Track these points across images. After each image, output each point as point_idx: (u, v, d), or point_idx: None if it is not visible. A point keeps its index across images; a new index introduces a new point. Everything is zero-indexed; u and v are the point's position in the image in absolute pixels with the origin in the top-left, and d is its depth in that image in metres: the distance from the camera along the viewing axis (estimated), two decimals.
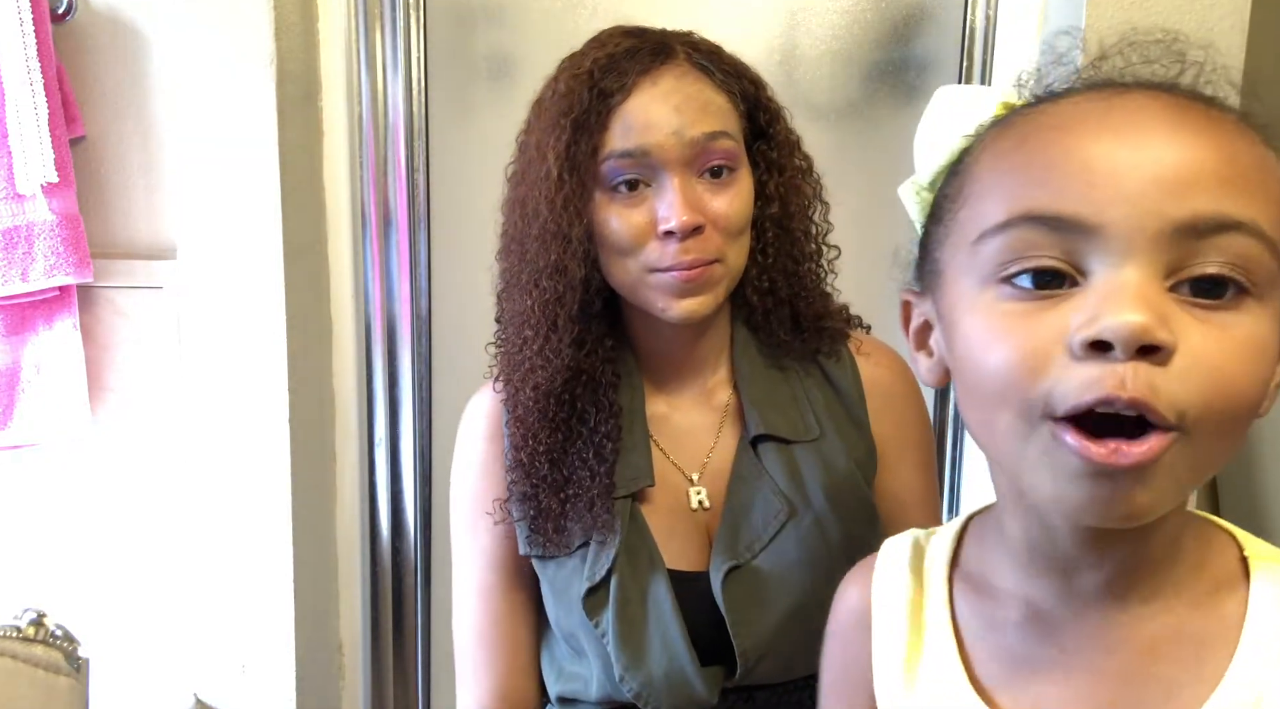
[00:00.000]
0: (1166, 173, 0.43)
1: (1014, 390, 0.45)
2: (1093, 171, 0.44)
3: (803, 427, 0.91)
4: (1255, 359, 0.44)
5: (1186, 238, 0.43)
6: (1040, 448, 0.45)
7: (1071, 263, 0.44)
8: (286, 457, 1.38)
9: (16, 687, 0.91)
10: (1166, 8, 1.25)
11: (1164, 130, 0.44)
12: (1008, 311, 0.46)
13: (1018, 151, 0.48)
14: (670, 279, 0.83)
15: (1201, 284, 0.43)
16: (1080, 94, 0.49)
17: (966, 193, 0.50)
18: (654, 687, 0.86)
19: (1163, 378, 0.42)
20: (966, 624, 0.55)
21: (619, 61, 0.83)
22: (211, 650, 1.44)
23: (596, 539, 0.89)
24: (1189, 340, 0.43)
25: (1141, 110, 0.45)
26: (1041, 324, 0.44)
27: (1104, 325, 0.42)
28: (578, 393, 0.89)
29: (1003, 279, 0.46)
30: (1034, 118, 0.49)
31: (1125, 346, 0.42)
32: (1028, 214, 0.45)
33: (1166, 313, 0.42)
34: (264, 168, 1.33)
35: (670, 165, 0.82)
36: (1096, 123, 0.45)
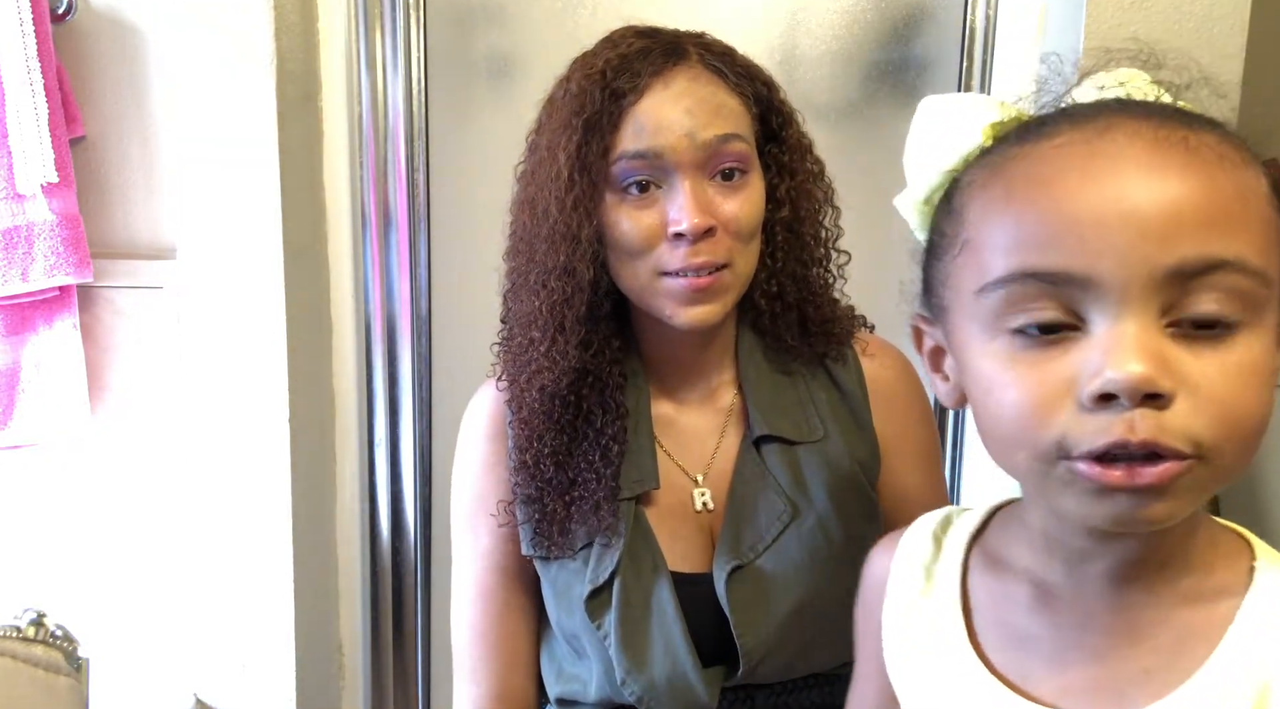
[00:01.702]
0: (1151, 222, 0.45)
1: (1028, 436, 0.48)
2: (1082, 226, 0.46)
3: (806, 428, 0.91)
4: (1257, 384, 0.46)
5: (1177, 281, 0.45)
6: (1060, 480, 0.48)
7: (1072, 311, 0.47)
8: (286, 457, 1.38)
9: (16, 687, 0.91)
10: (1166, 8, 1.25)
11: (1146, 177, 0.46)
12: (1016, 359, 0.48)
13: (1007, 205, 0.49)
14: (679, 286, 0.83)
15: (1198, 314, 0.45)
16: (1064, 129, 0.50)
17: (963, 238, 0.52)
18: (656, 690, 0.86)
19: (1170, 418, 0.45)
20: (975, 593, 0.59)
21: (631, 62, 0.83)
22: (211, 650, 1.44)
23: (600, 541, 0.88)
24: (1192, 377, 0.45)
25: (1122, 156, 0.47)
26: (1049, 372, 0.47)
27: (1108, 379, 0.45)
28: (584, 394, 0.89)
29: (1006, 327, 0.49)
30: (1020, 165, 0.50)
31: (1130, 398, 0.45)
32: (1024, 271, 0.47)
33: (1167, 356, 0.45)
34: (264, 168, 1.33)
35: (682, 167, 0.82)
36: (1080, 174, 0.47)
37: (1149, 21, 1.25)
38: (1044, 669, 0.54)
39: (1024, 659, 0.55)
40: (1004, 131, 0.54)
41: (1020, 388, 0.48)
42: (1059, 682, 0.53)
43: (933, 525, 0.64)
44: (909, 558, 0.63)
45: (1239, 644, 0.49)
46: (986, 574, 0.59)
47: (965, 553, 0.61)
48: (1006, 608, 0.57)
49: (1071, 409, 0.46)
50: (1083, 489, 0.47)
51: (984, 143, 0.54)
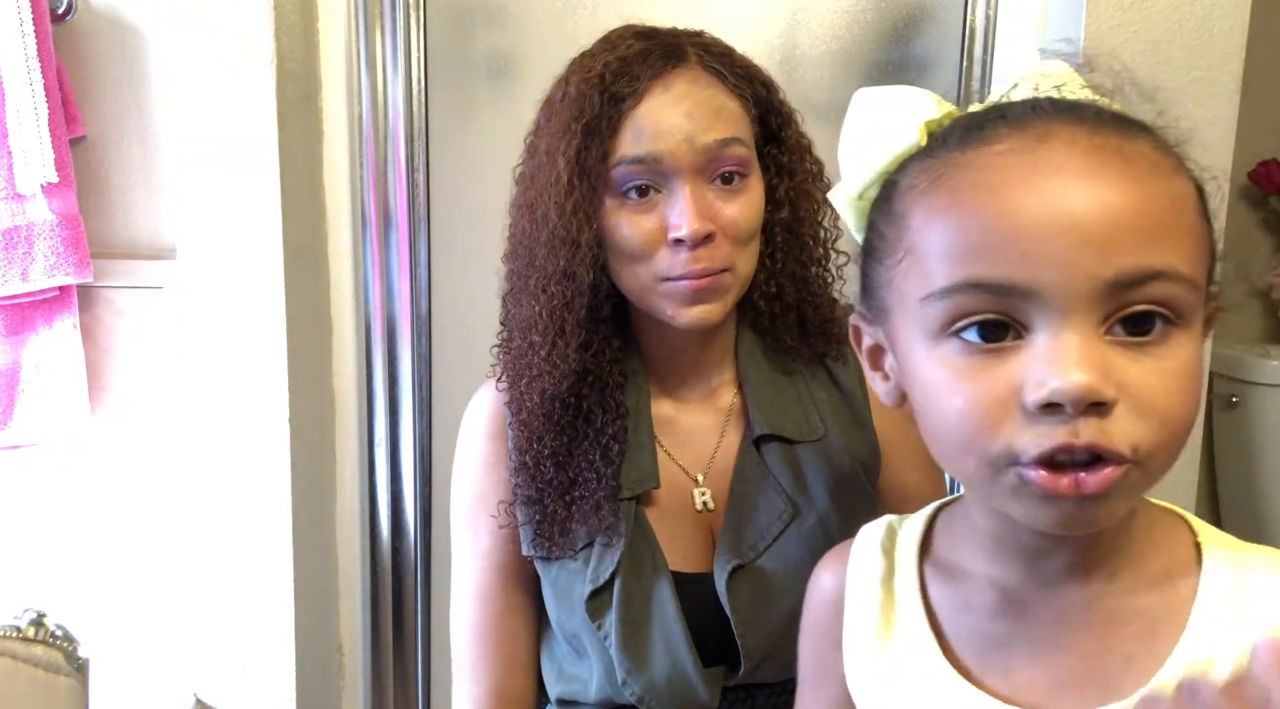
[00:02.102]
0: (1092, 234, 0.46)
1: (976, 444, 0.49)
2: (1026, 238, 0.47)
3: (806, 427, 0.91)
4: (1190, 386, 0.48)
5: (1115, 291, 0.47)
6: (1008, 486, 0.49)
7: (1016, 320, 0.48)
8: (286, 457, 1.38)
9: (16, 687, 0.91)
10: (1166, 8, 1.25)
11: (1086, 187, 0.47)
12: (960, 367, 0.49)
13: (950, 214, 0.50)
14: (680, 287, 0.83)
15: (1131, 320, 0.47)
16: (1004, 134, 0.50)
17: (905, 245, 0.52)
18: (656, 690, 0.86)
19: (1111, 424, 0.47)
20: (939, 607, 0.59)
21: (630, 65, 0.82)
22: (211, 650, 1.44)
23: (601, 541, 0.88)
24: (1131, 384, 0.47)
25: (1063, 165, 0.48)
26: (993, 380, 0.48)
27: (1053, 389, 0.46)
28: (584, 393, 0.89)
29: (951, 333, 0.50)
30: (963, 173, 0.50)
31: (1074, 407, 0.46)
32: (969, 281, 0.48)
33: (1108, 364, 0.47)
34: (264, 168, 1.33)
35: (682, 172, 0.82)
36: (1023, 185, 0.48)
37: (1149, 21, 1.25)
38: (1026, 671, 0.54)
39: (1003, 664, 0.55)
40: (940, 130, 0.54)
41: (965, 396, 0.49)
42: (1044, 681, 0.54)
43: (878, 537, 0.64)
44: (862, 575, 0.63)
45: (1206, 620, 0.51)
46: (945, 585, 0.59)
47: (918, 565, 0.61)
48: (973, 616, 0.57)
49: (1017, 417, 0.47)
50: (1030, 495, 0.48)
51: (920, 142, 0.54)
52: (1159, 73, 1.25)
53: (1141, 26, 1.25)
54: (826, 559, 0.67)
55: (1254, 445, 1.74)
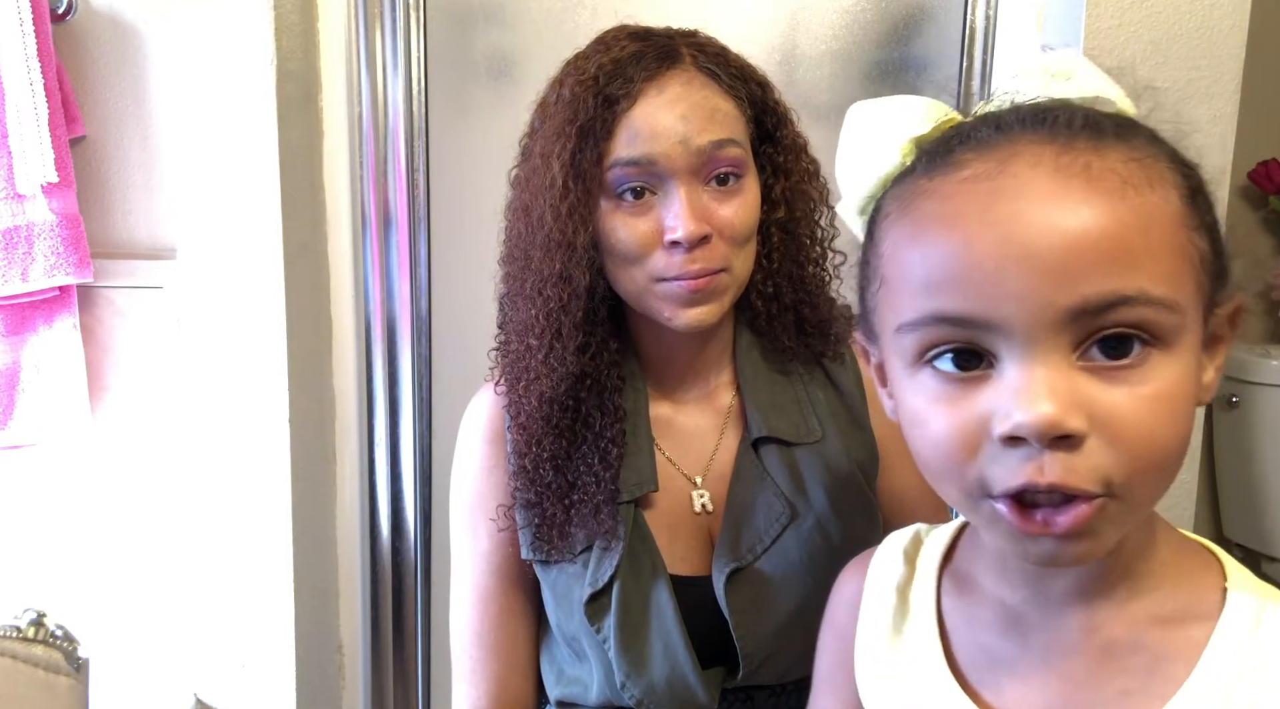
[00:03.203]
0: (1050, 264, 0.45)
1: (953, 472, 0.49)
2: (983, 271, 0.46)
3: (804, 428, 0.91)
4: (1171, 412, 0.46)
5: (1080, 318, 0.45)
6: (986, 516, 0.49)
7: (982, 348, 0.47)
8: (286, 457, 1.38)
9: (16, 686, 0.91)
10: (1166, 8, 1.25)
11: (1045, 214, 0.45)
12: (935, 395, 0.49)
13: (914, 245, 0.50)
14: (677, 288, 0.83)
15: (1108, 344, 0.46)
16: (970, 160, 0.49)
17: (880, 274, 0.53)
18: (655, 693, 0.86)
19: (1080, 459, 0.45)
20: (950, 616, 0.59)
21: (624, 67, 0.82)
22: (211, 650, 1.44)
23: (600, 545, 0.88)
24: (1103, 412, 0.45)
25: (1023, 192, 0.46)
26: (966, 410, 0.48)
27: (1015, 423, 0.45)
28: (582, 397, 0.89)
29: (925, 362, 0.49)
30: (926, 202, 0.50)
31: (1038, 440, 0.45)
32: (932, 315, 0.48)
33: (1078, 394, 0.45)
34: (264, 168, 1.33)
35: (677, 174, 0.81)
36: (979, 216, 0.47)
37: (1149, 21, 1.25)
38: (1019, 692, 0.54)
39: (999, 682, 0.55)
40: (924, 145, 0.53)
41: (941, 424, 0.49)
42: (1035, 702, 0.53)
43: (904, 544, 0.64)
44: (882, 581, 0.63)
45: (1215, 669, 0.49)
46: (959, 597, 0.59)
47: (938, 574, 0.61)
48: (979, 630, 0.57)
49: (989, 448, 0.47)
50: (1005, 531, 0.48)
51: (903, 161, 0.53)
52: (1159, 73, 1.25)
53: (1141, 26, 1.25)
54: (853, 562, 0.67)
55: (1254, 445, 1.74)
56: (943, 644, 0.58)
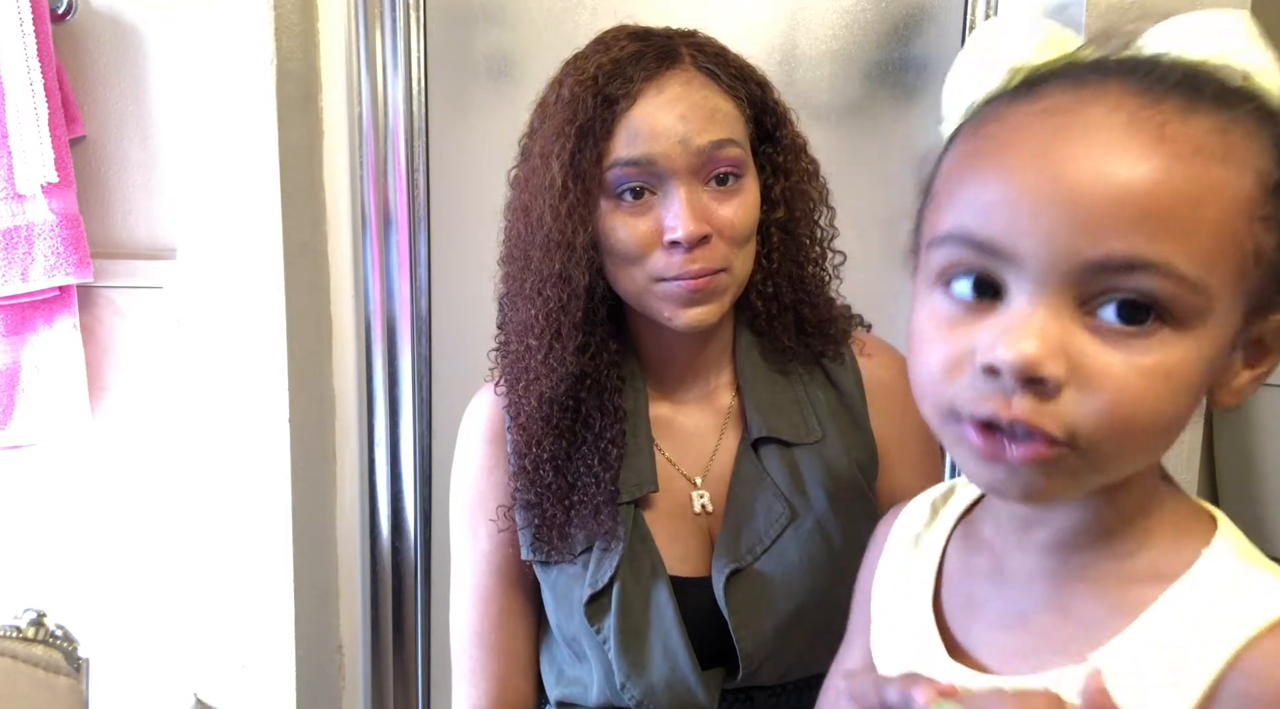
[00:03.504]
0: (1085, 212, 0.44)
1: (931, 390, 0.50)
2: (1018, 203, 0.46)
3: (804, 429, 0.91)
4: (1161, 385, 0.45)
5: (1097, 273, 0.45)
6: (952, 437, 0.50)
7: (995, 278, 0.48)
8: (286, 457, 1.38)
9: (16, 686, 0.91)
10: (1166, 8, 1.25)
11: (1099, 162, 0.45)
12: (941, 318, 0.50)
13: (965, 165, 0.50)
14: (676, 288, 0.83)
15: (1123, 307, 0.45)
16: (1053, 91, 0.48)
17: (933, 190, 0.53)
18: (655, 693, 0.86)
19: (1052, 403, 0.46)
20: (949, 562, 0.61)
21: (624, 67, 0.82)
22: (211, 650, 1.44)
23: (600, 545, 0.88)
24: (1090, 368, 0.45)
25: (1086, 136, 0.45)
26: (962, 336, 0.49)
27: (995, 355, 0.46)
28: (582, 397, 0.89)
29: (944, 283, 0.50)
30: (994, 127, 0.50)
31: (1011, 376, 0.46)
32: (959, 233, 0.48)
33: (1070, 344, 0.45)
34: (264, 168, 1.33)
35: (677, 174, 0.81)
36: (1033, 151, 0.47)
37: (1149, 21, 1.25)
38: (985, 633, 0.56)
39: (971, 624, 0.57)
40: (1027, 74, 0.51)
41: (937, 346, 0.50)
42: (994, 644, 0.55)
43: (934, 496, 0.66)
44: (906, 525, 0.66)
45: (1151, 625, 0.49)
46: (963, 546, 0.61)
47: (954, 525, 0.63)
48: (969, 577, 0.59)
49: (969, 374, 0.48)
50: (967, 451, 0.49)
51: (1007, 85, 0.52)
52: None
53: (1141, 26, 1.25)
54: (893, 510, 0.69)
55: (1254, 445, 1.74)
56: (936, 585, 0.60)
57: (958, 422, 0.49)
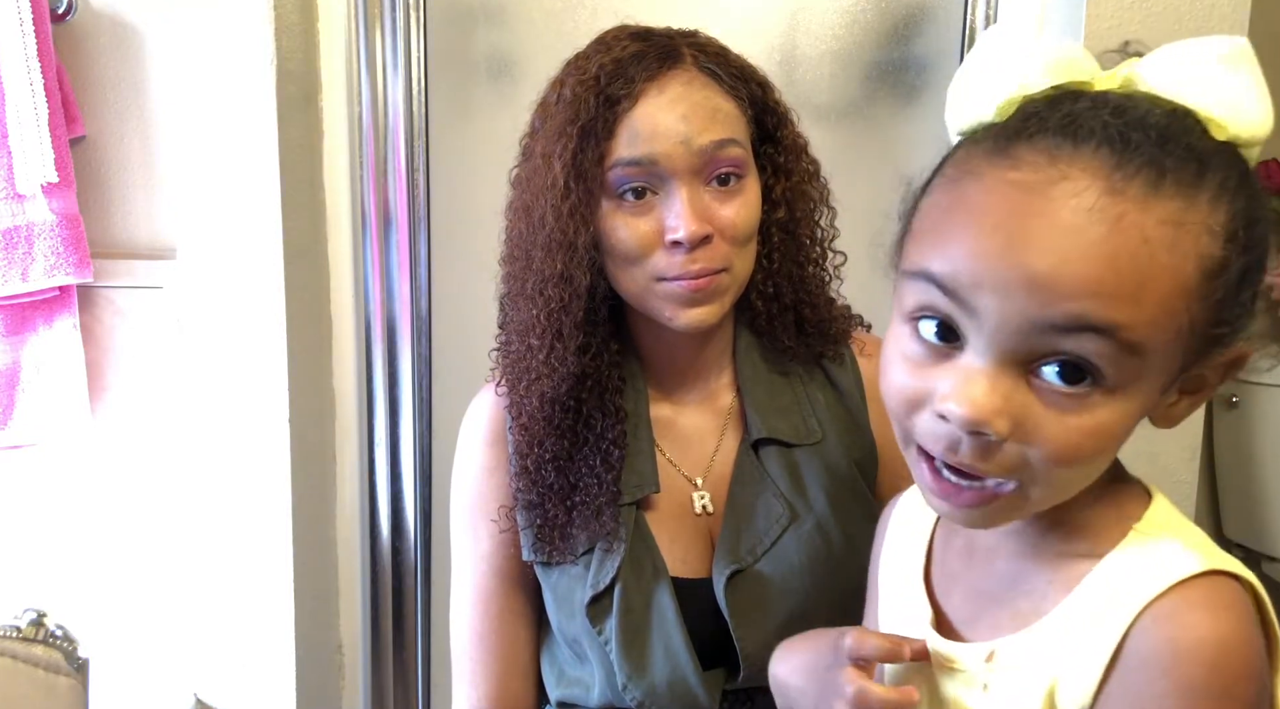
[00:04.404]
0: (1039, 279, 0.48)
1: (897, 415, 0.56)
2: (980, 263, 0.50)
3: (804, 430, 0.91)
4: (1092, 443, 0.51)
5: (1047, 331, 0.49)
6: (911, 459, 0.57)
7: (957, 325, 0.52)
8: (286, 457, 1.38)
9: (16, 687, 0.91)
10: (1166, 8, 1.25)
11: (1057, 241, 0.48)
12: (907, 354, 0.55)
13: (942, 216, 0.54)
14: (677, 289, 0.83)
15: (1063, 368, 0.50)
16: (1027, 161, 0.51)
17: (912, 221, 0.57)
18: (657, 694, 0.86)
19: (996, 452, 0.51)
20: (937, 541, 0.68)
21: (625, 67, 0.82)
22: (211, 650, 1.44)
23: (601, 546, 0.88)
24: (1031, 424, 0.50)
25: (1052, 215, 0.49)
26: (923, 377, 0.53)
27: (947, 408, 0.51)
28: (583, 398, 0.89)
29: (911, 320, 0.54)
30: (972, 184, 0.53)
31: (959, 428, 0.51)
32: (929, 274, 0.53)
33: (1014, 401, 0.50)
34: (264, 168, 1.33)
35: (678, 174, 0.81)
36: (1004, 220, 0.50)
37: (1149, 22, 1.25)
38: (959, 604, 0.63)
39: (950, 596, 0.64)
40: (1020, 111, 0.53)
41: (900, 379, 0.55)
42: (966, 614, 0.62)
43: None
44: (904, 510, 0.72)
45: (1083, 597, 0.54)
46: (945, 527, 0.67)
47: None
48: (949, 554, 0.66)
49: (927, 413, 0.53)
50: (920, 476, 0.56)
51: (997, 118, 0.54)
52: None
53: (1141, 27, 1.25)
54: (897, 495, 0.75)
55: (1254, 445, 1.74)
56: (926, 561, 0.67)
57: (917, 452, 0.55)
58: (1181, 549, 0.53)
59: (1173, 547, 0.53)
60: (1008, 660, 0.56)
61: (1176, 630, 0.50)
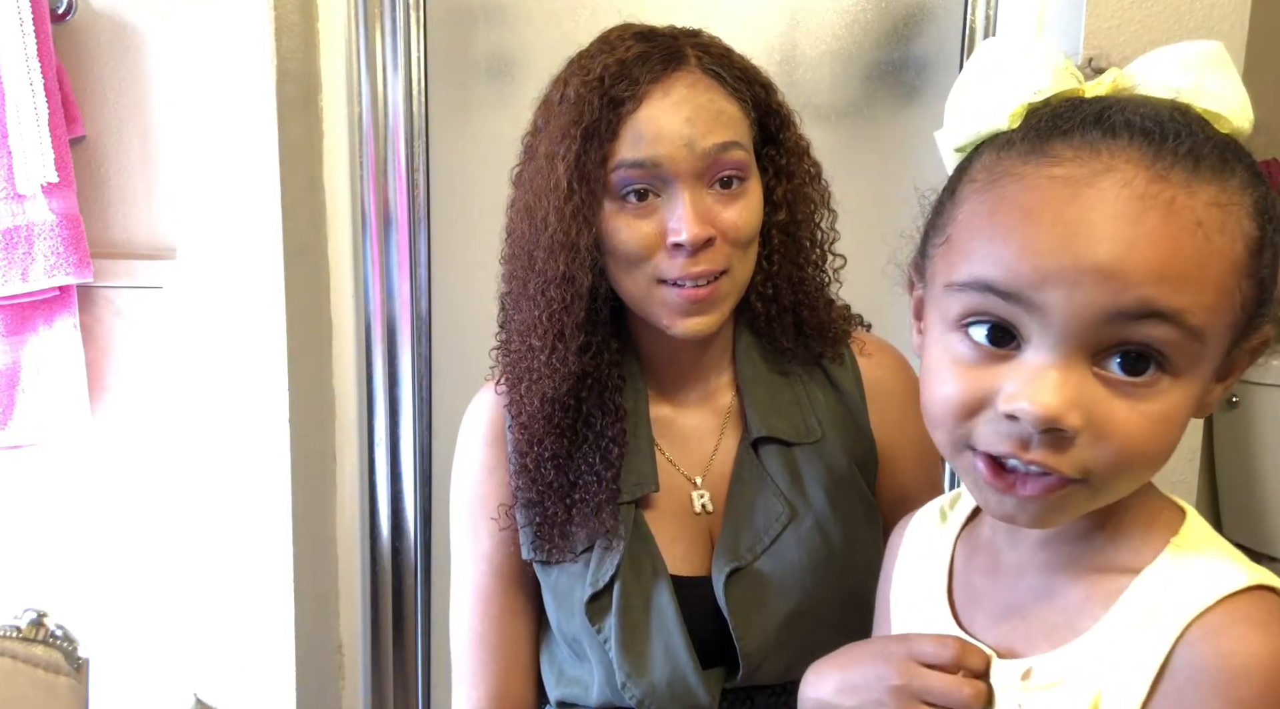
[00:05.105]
0: (1104, 268, 0.49)
1: (947, 424, 0.55)
2: (1044, 263, 0.50)
3: (804, 428, 0.91)
4: (1163, 431, 0.51)
5: (1114, 321, 0.49)
6: (964, 465, 0.55)
7: (1015, 326, 0.52)
8: (286, 457, 1.38)
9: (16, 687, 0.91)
10: (1166, 8, 1.25)
11: (1115, 233, 0.49)
12: (960, 359, 0.54)
13: (989, 221, 0.53)
14: (677, 297, 0.83)
15: (1127, 358, 0.50)
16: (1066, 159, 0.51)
17: (949, 231, 0.56)
18: (656, 693, 0.86)
19: (1067, 447, 0.50)
20: (957, 559, 0.67)
21: (629, 68, 0.82)
22: (211, 650, 1.44)
23: (601, 545, 0.88)
24: (1102, 416, 0.50)
25: (1103, 207, 0.49)
26: (981, 380, 0.53)
27: (1017, 406, 0.50)
28: (583, 397, 0.89)
29: (961, 327, 0.54)
30: (1013, 186, 0.53)
31: (1033, 426, 0.50)
32: (983, 282, 0.52)
33: (1084, 394, 0.50)
34: (264, 168, 1.33)
35: (681, 176, 0.82)
36: (1057, 213, 0.50)
37: (1149, 21, 1.25)
38: (986, 622, 0.62)
39: (975, 615, 0.63)
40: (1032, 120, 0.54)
41: (954, 386, 0.54)
42: (995, 632, 0.60)
43: (943, 502, 0.72)
44: (918, 529, 0.72)
45: (1123, 614, 0.54)
46: (967, 545, 0.67)
47: (961, 527, 0.68)
48: (971, 571, 0.65)
49: (988, 415, 0.52)
50: (977, 481, 0.54)
51: (1010, 124, 0.55)
52: None
53: (1141, 27, 1.25)
54: (906, 517, 0.75)
55: (1254, 445, 1.74)
56: (948, 580, 0.66)
57: (971, 452, 0.54)
58: (1224, 563, 0.53)
59: (1215, 561, 0.54)
60: (1045, 678, 0.56)
61: (1228, 645, 0.50)
